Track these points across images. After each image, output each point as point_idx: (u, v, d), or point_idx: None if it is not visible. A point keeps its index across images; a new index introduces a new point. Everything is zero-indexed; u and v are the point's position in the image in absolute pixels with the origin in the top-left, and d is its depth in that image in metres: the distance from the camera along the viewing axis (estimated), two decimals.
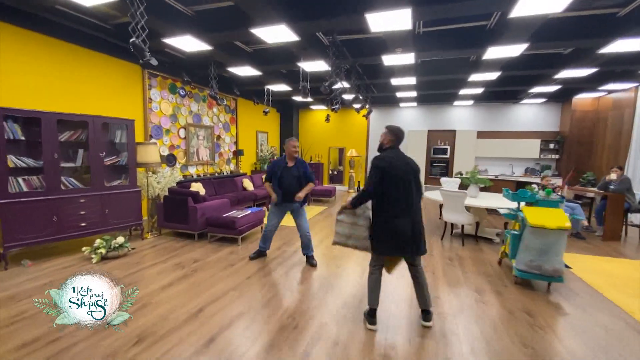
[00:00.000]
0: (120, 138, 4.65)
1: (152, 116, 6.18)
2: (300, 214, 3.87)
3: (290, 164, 3.79)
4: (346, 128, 11.42)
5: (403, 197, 2.37)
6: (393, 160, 2.41)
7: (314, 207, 7.80)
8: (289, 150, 3.77)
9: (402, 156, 2.50)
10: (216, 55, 5.63)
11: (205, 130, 7.68)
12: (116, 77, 5.39)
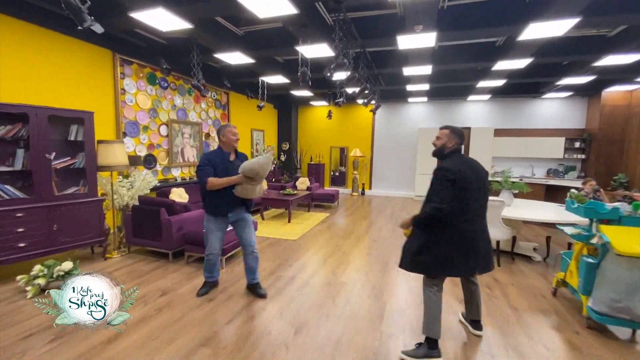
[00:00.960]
0: (77, 135, 3.75)
1: (126, 110, 5.27)
2: (248, 223, 3.02)
3: (232, 157, 2.88)
4: (349, 126, 10.53)
5: (481, 210, 2.13)
6: (465, 168, 2.04)
7: (314, 214, 6.92)
8: (227, 138, 2.82)
9: (470, 161, 2.17)
10: (199, 37, 4.74)
11: (191, 128, 6.78)
12: (78, 62, 4.49)
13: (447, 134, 2.16)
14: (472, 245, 2.02)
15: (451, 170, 1.97)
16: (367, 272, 3.73)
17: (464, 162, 2.09)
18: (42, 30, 3.99)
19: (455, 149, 2.13)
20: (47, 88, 4.06)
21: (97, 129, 4.65)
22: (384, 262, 4.06)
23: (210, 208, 2.86)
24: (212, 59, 5.62)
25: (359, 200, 9.23)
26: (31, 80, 3.90)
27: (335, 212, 7.31)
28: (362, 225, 6.02)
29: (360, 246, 4.74)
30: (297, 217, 6.54)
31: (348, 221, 6.42)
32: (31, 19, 3.83)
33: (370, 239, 5.09)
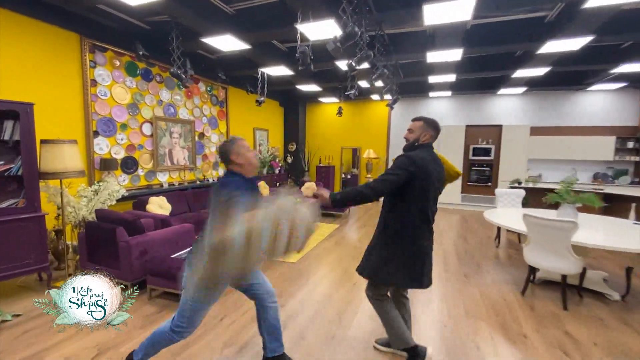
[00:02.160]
0: (13, 134, 2.95)
1: (98, 105, 4.49)
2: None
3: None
4: (362, 124, 9.55)
5: (432, 212, 1.93)
6: (428, 163, 1.85)
7: (320, 226, 5.99)
8: (246, 158, 1.80)
9: (435, 158, 1.95)
10: (179, 15, 3.90)
11: (182, 126, 5.97)
12: (42, 46, 3.72)
13: (420, 125, 1.97)
14: (428, 255, 1.95)
15: (415, 162, 1.82)
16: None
17: (431, 157, 1.91)
18: None
19: (429, 142, 1.97)
20: None
21: (58, 127, 3.89)
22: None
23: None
24: (201, 45, 4.77)
25: (372, 207, 8.24)
26: None
27: (345, 222, 6.36)
28: None
29: None
30: None
31: (360, 235, 5.46)
32: None
33: None
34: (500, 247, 4.72)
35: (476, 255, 4.34)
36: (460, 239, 5.17)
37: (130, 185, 5.03)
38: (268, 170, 8.43)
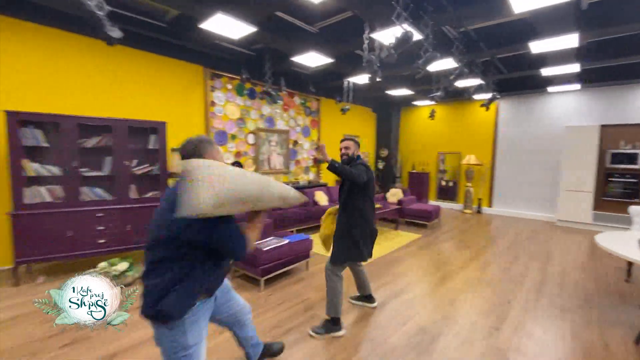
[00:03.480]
0: (155, 144, 4.10)
1: (216, 121, 5.66)
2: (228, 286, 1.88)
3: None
4: (462, 128, 8.71)
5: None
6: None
7: (401, 234, 5.82)
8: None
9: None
10: (272, 41, 4.59)
11: (278, 136, 6.84)
12: (174, 79, 5.03)
13: (353, 144, 2.61)
14: (374, 235, 2.63)
15: (368, 168, 2.53)
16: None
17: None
18: (142, 53, 4.61)
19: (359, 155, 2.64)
20: (145, 103, 4.66)
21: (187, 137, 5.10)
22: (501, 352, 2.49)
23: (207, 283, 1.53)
24: (292, 64, 5.44)
25: (471, 219, 7.42)
26: (133, 97, 4.54)
27: (431, 233, 5.98)
28: (463, 256, 4.59)
29: (448, 291, 3.49)
30: (378, 236, 5.61)
31: (445, 247, 5.06)
32: (130, 43, 4.45)
33: (470, 279, 3.74)
34: (633, 282, 3.60)
35: (588, 287, 3.47)
36: (576, 266, 4.18)
37: None
38: None
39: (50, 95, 3.84)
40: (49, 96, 3.82)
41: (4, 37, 3.56)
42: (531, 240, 5.49)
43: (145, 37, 4.43)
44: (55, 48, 3.87)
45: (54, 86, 3.87)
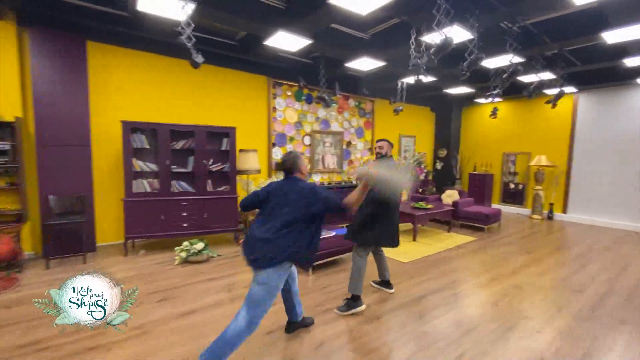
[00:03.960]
0: (226, 146, 4.83)
1: (276, 124, 6.31)
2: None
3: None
4: (532, 126, 8.03)
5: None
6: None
7: (453, 236, 5.72)
8: (306, 171, 2.41)
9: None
10: (326, 50, 5.00)
11: (333, 137, 7.24)
12: (242, 89, 5.79)
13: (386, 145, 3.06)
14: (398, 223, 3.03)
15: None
16: None
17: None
18: (216, 68, 5.43)
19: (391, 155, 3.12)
20: (219, 111, 5.49)
21: (252, 140, 5.81)
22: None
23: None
24: (345, 69, 5.78)
25: (539, 225, 6.85)
26: (210, 106, 5.39)
27: (488, 237, 5.75)
28: (518, 262, 4.39)
29: (493, 293, 3.47)
30: (429, 237, 5.63)
31: (501, 251, 4.87)
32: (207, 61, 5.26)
33: (521, 284, 3.63)
34: None
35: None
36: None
37: None
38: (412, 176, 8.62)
39: (151, 107, 4.83)
40: (149, 108, 4.82)
41: (120, 64, 4.61)
42: (608, 251, 4.93)
43: (219, 54, 5.21)
44: (153, 69, 4.86)
45: (153, 100, 4.86)
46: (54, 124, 4.03)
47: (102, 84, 4.50)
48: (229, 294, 3.18)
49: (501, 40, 4.19)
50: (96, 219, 4.48)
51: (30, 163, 4.04)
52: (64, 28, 4.10)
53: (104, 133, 4.51)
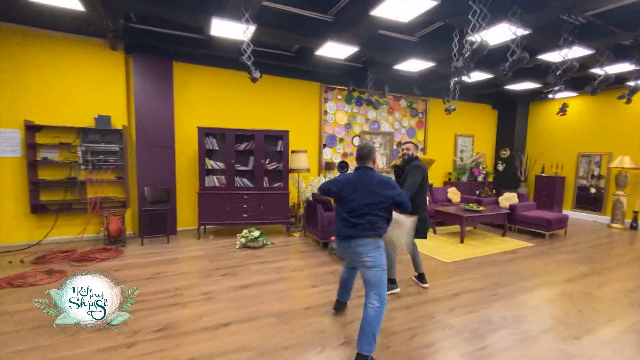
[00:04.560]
0: (281, 147, 5.41)
1: (327, 127, 6.74)
2: None
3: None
4: (614, 122, 7.09)
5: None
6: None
7: (507, 241, 5.46)
8: (379, 162, 3.26)
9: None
10: (374, 55, 5.26)
11: (382, 137, 7.40)
12: (296, 95, 6.35)
13: (412, 146, 3.37)
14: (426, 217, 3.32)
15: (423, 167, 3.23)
16: None
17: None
18: (273, 77, 6.05)
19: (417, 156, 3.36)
20: (275, 116, 6.12)
21: (304, 142, 6.34)
22: None
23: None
24: (395, 71, 5.93)
25: (617, 235, 6.09)
26: (267, 112, 6.06)
27: (548, 243, 5.35)
28: (576, 271, 4.09)
29: (536, 298, 3.38)
30: (478, 239, 5.48)
31: (559, 259, 4.55)
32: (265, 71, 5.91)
33: (572, 292, 3.45)
34: None
35: None
36: None
37: None
38: (468, 177, 8.28)
39: (220, 115, 5.66)
40: (219, 116, 5.65)
41: (196, 79, 5.52)
42: None
43: (277, 65, 5.82)
44: (221, 82, 5.68)
45: (221, 108, 5.69)
46: (149, 130, 5.04)
47: (182, 97, 5.44)
48: (277, 275, 3.69)
49: (556, 35, 3.96)
50: (177, 208, 5.44)
51: (131, 161, 5.12)
52: (157, 53, 5.09)
53: (184, 137, 5.45)
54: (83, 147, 4.69)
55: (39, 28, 4.45)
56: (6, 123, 4.40)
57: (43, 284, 3.27)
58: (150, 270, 3.76)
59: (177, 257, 4.30)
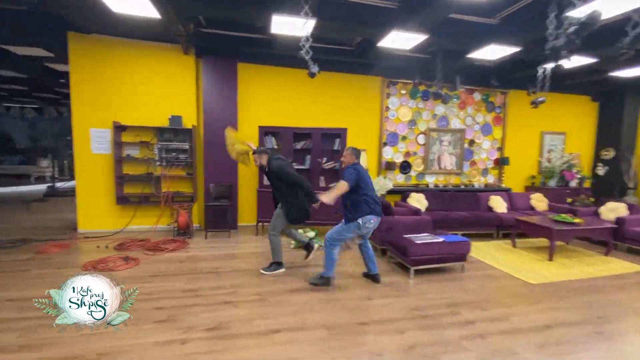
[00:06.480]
0: (338, 146, 5.20)
1: (388, 124, 6.32)
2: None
3: None
4: None
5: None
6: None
7: (611, 262, 4.42)
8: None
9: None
10: (443, 43, 4.72)
11: (451, 135, 6.69)
12: (356, 91, 6.07)
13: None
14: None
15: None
16: None
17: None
18: (330, 74, 5.84)
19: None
20: (333, 114, 5.93)
21: (362, 140, 6.05)
22: None
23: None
24: (469, 60, 5.26)
25: None
26: (325, 110, 5.90)
27: None
28: None
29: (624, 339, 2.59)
30: (572, 258, 4.55)
31: None
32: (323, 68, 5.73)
33: None
34: None
35: None
36: None
37: (404, 182, 6.54)
38: (558, 182, 7.03)
39: (278, 113, 5.69)
40: (277, 114, 5.68)
41: (256, 79, 5.61)
42: None
43: (336, 61, 5.61)
44: (279, 81, 5.70)
45: (280, 107, 5.71)
46: (214, 129, 5.28)
47: (245, 97, 5.59)
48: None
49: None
50: (238, 204, 5.62)
51: (199, 159, 5.43)
52: (224, 55, 5.30)
53: (246, 136, 5.57)
54: (159, 145, 5.11)
55: (121, 37, 4.95)
56: (99, 124, 5.00)
57: (119, 270, 3.60)
58: (210, 265, 3.89)
59: (235, 253, 4.39)
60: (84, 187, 5.07)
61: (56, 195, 8.17)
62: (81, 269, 3.60)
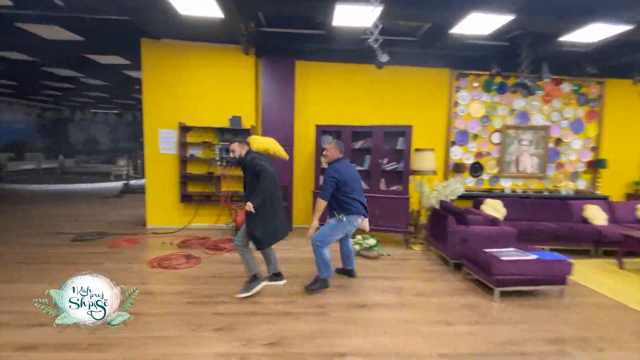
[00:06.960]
0: (401, 145, 4.76)
1: (457, 121, 5.68)
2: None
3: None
4: None
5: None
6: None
7: None
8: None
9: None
10: (530, 25, 4.03)
11: (533, 133, 5.80)
12: (420, 85, 5.55)
13: (237, 146, 3.06)
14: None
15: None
16: None
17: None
18: (394, 67, 5.39)
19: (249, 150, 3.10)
20: (396, 110, 5.49)
21: (428, 139, 5.51)
22: None
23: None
24: (558, 45, 4.46)
25: None
26: (387, 106, 5.49)
27: None
28: None
29: None
30: (599, 273, 3.56)
31: None
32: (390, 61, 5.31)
33: None
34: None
35: None
36: None
37: (475, 187, 5.84)
38: None
39: (336, 111, 5.43)
40: (335, 112, 5.42)
41: (314, 76, 5.42)
42: None
43: (398, 52, 5.14)
44: (338, 76, 5.45)
45: (338, 104, 5.44)
46: (272, 129, 5.19)
47: (302, 95, 5.43)
48: (398, 298, 3.10)
49: None
50: (293, 205, 5.48)
51: None
52: (282, 54, 5.21)
53: (302, 135, 5.44)
54: (219, 145, 5.18)
55: (186, 41, 5.11)
56: (167, 125, 5.23)
57: (181, 269, 3.63)
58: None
59: (291, 257, 4.22)
60: (153, 185, 5.34)
61: (130, 192, 8.93)
62: (147, 265, 3.71)
